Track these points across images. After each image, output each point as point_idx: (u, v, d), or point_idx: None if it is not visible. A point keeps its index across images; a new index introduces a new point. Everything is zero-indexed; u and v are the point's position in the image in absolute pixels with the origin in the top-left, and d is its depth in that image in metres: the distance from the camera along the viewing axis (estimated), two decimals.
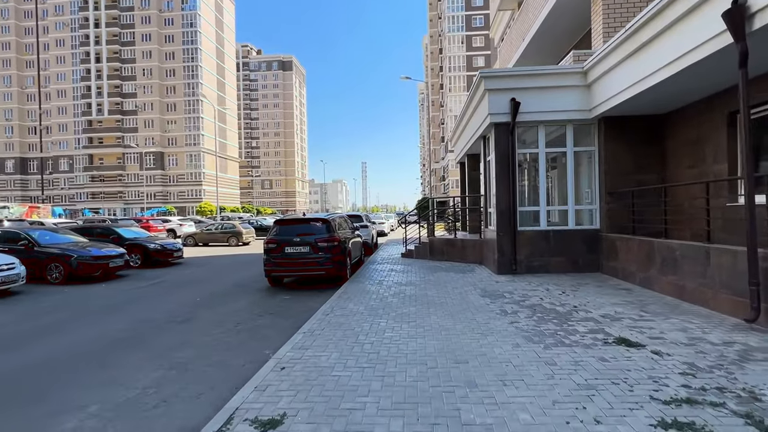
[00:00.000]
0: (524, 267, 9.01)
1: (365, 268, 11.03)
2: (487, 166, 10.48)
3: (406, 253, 13.17)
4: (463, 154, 14.16)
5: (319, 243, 8.67)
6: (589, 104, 8.68)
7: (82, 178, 74.50)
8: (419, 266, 10.94)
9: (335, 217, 9.90)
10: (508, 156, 8.93)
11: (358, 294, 7.48)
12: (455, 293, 7.29)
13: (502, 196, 9.01)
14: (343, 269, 9.13)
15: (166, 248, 13.72)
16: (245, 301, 7.89)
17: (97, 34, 72.48)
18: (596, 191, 9.00)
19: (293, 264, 8.70)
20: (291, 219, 9.44)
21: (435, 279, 8.86)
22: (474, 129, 10.97)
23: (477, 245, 11.03)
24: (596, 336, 4.59)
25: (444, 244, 11.90)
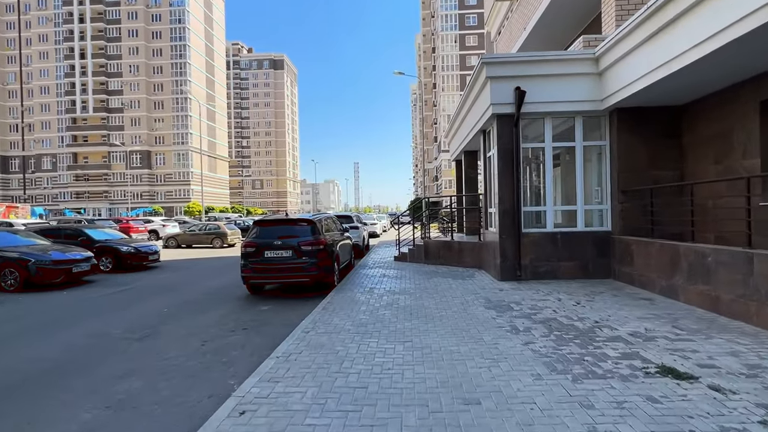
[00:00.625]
0: (529, 273, 8.21)
1: (355, 273, 10.15)
2: (488, 162, 9.67)
3: (399, 257, 12.32)
4: (460, 151, 13.37)
5: (303, 247, 7.78)
6: (601, 94, 7.91)
7: (65, 177, 72.44)
8: (414, 271, 10.09)
9: (322, 218, 9.01)
10: (512, 151, 8.13)
11: (346, 305, 6.61)
12: (455, 304, 6.45)
13: (504, 195, 8.20)
14: (330, 275, 8.25)
15: (140, 251, 12.70)
16: (218, 313, 6.96)
17: (82, 30, 70.55)
18: (607, 190, 8.24)
19: (274, 270, 7.79)
20: (272, 220, 8.53)
21: (432, 286, 8.01)
22: (473, 122, 10.16)
23: (476, 248, 10.22)
24: (632, 363, 3.77)
25: (440, 247, 11.07)
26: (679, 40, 5.79)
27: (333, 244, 8.78)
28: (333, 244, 8.78)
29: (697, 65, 5.68)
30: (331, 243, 8.65)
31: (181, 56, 71.83)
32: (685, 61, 5.76)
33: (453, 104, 64.68)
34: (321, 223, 8.61)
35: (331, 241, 8.68)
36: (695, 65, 5.69)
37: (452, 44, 65.02)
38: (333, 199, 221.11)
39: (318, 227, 8.22)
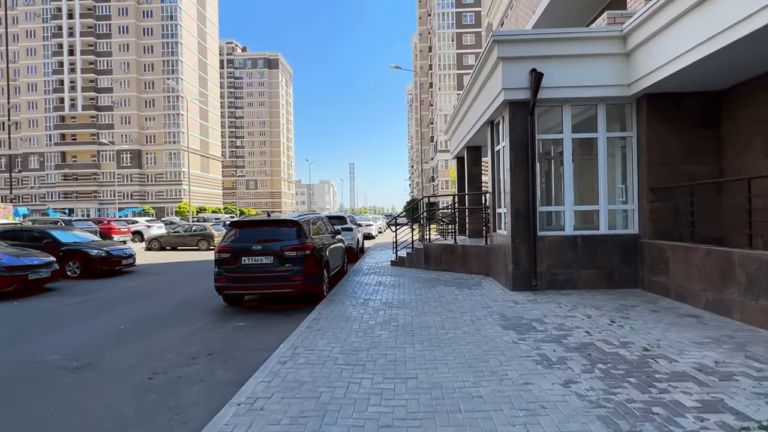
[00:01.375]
0: (546, 282, 7.19)
1: (348, 280, 9.09)
2: (496, 157, 8.66)
3: (396, 261, 11.28)
4: (463, 146, 12.35)
5: (287, 252, 6.70)
6: (628, 77, 6.92)
7: (53, 176, 70.72)
8: (413, 278, 9.05)
9: (309, 218, 7.94)
10: (527, 143, 7.11)
11: (336, 322, 5.55)
12: (465, 321, 5.41)
13: (518, 193, 7.18)
14: (318, 284, 7.19)
15: (112, 255, 11.55)
16: (184, 330, 5.88)
17: (71, 26, 68.93)
18: (634, 188, 7.25)
19: (253, 279, 6.71)
20: (251, 221, 7.44)
21: (435, 297, 6.97)
22: (479, 113, 9.15)
23: (482, 253, 9.20)
24: (723, 419, 2.75)
25: (442, 251, 10.04)
26: (732, 8, 4.81)
27: (322, 248, 7.72)
28: (322, 248, 7.72)
29: (755, 38, 4.70)
30: (320, 247, 7.60)
31: (173, 53, 70.40)
32: (739, 34, 4.79)
33: (450, 103, 63.81)
34: (308, 224, 7.54)
35: (320, 245, 7.62)
36: (753, 38, 4.71)
37: (449, 43, 64.13)
38: (328, 199, 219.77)
39: (304, 229, 7.16)
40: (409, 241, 12.27)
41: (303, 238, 6.98)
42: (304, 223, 7.33)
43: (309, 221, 7.69)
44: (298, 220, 7.16)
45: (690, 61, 5.60)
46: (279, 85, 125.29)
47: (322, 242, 7.93)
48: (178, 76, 70.04)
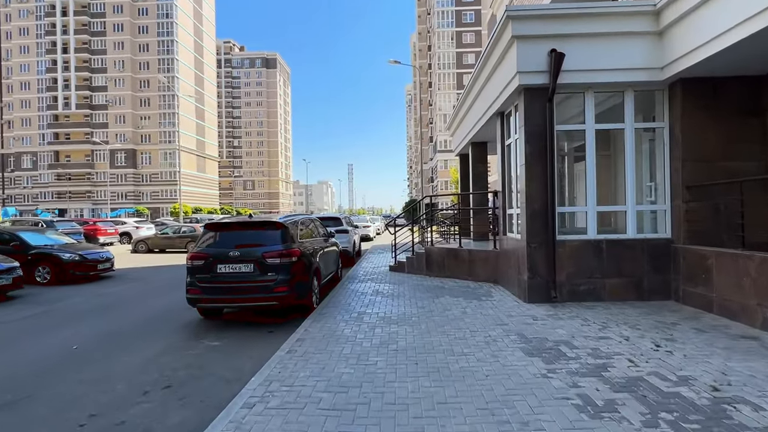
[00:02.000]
0: (566, 293, 6.32)
1: (342, 288, 8.20)
2: (507, 152, 7.79)
3: (395, 266, 10.39)
4: (467, 143, 11.48)
5: (269, 259, 5.80)
6: (661, 59, 6.06)
7: (46, 176, 69.57)
8: (414, 286, 8.17)
9: (298, 220, 7.04)
10: (545, 134, 6.24)
11: (323, 344, 4.66)
12: (478, 342, 4.53)
13: (535, 191, 6.31)
14: (306, 295, 6.29)
15: (86, 259, 10.63)
16: (145, 353, 4.98)
17: (65, 23, 67.87)
18: (666, 185, 6.38)
19: (230, 290, 5.80)
20: (229, 223, 6.51)
21: (440, 310, 6.09)
22: (487, 103, 8.28)
23: (491, 259, 8.31)
24: None
25: (445, 256, 9.15)
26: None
27: (312, 254, 6.84)
28: (312, 254, 6.84)
29: None
30: (310, 253, 6.71)
31: (168, 52, 69.39)
32: None
33: (449, 103, 62.98)
34: (295, 227, 6.65)
35: (309, 250, 6.73)
36: None
37: (449, 41, 63.30)
38: (326, 200, 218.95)
39: (290, 233, 6.26)
40: (408, 244, 11.42)
41: (288, 243, 6.08)
42: (291, 226, 6.43)
43: (296, 223, 6.79)
44: (284, 222, 6.26)
45: (737, 38, 4.74)
46: (277, 84, 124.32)
47: (312, 247, 7.04)
48: (173, 74, 69.04)
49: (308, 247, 6.81)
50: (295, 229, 6.56)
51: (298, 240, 6.49)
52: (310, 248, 6.88)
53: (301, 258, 6.21)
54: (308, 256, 6.59)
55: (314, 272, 6.72)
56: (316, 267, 6.90)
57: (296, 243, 6.32)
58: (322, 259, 7.54)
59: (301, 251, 6.28)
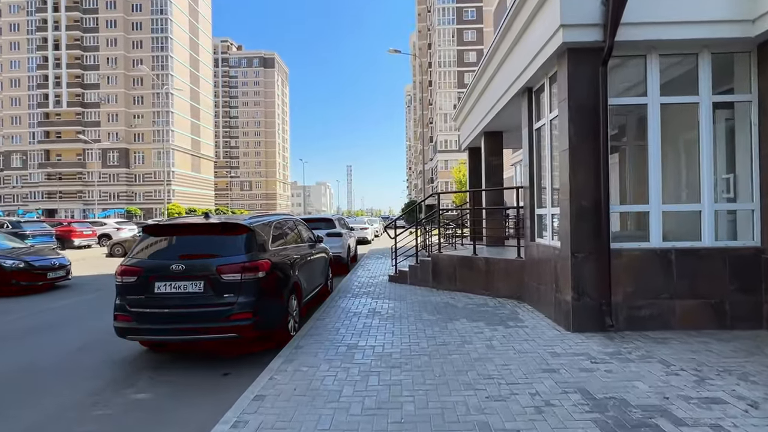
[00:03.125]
0: (623, 319, 4.79)
1: (330, 305, 6.65)
2: (536, 138, 6.28)
3: (396, 276, 8.86)
4: (478, 133, 9.96)
5: (226, 275, 4.25)
6: (753, 10, 4.55)
7: (36, 175, 67.87)
8: (419, 303, 6.62)
9: (271, 222, 5.45)
10: (597, 109, 4.73)
11: (292, 409, 3.11)
12: (525, 409, 2.99)
13: (582, 184, 4.79)
14: (278, 322, 4.74)
15: (33, 266, 9.06)
16: (44, 408, 3.46)
17: (56, 19, 66.29)
18: (754, 178, 4.86)
19: (171, 318, 4.24)
20: (174, 224, 4.89)
21: (456, 343, 4.54)
22: (509, 80, 6.76)
23: (514, 270, 6.76)
24: None
25: (456, 266, 7.61)
26: None
27: (291, 265, 5.30)
28: (291, 265, 5.30)
29: None
30: (288, 264, 5.17)
31: (162, 49, 67.85)
32: None
33: (450, 102, 61.59)
34: (266, 230, 5.09)
35: (287, 260, 5.19)
36: None
37: (449, 39, 61.86)
38: (324, 201, 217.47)
39: (258, 238, 4.71)
40: (410, 248, 9.90)
41: (255, 252, 4.53)
42: (260, 229, 4.87)
43: (268, 225, 5.22)
44: (249, 225, 4.69)
45: None
46: (275, 84, 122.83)
47: (291, 256, 5.49)
48: (168, 72, 67.49)
49: (285, 256, 5.26)
50: (266, 234, 5.00)
51: (271, 247, 4.94)
52: (288, 258, 5.34)
53: (273, 272, 4.66)
54: (284, 269, 5.05)
55: (292, 290, 5.17)
56: (296, 283, 5.34)
57: (268, 252, 4.78)
58: (305, 270, 5.99)
59: (274, 263, 4.73)
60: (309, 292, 6.20)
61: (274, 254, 4.91)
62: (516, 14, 5.88)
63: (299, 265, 5.69)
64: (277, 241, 5.29)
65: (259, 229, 4.83)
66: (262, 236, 4.83)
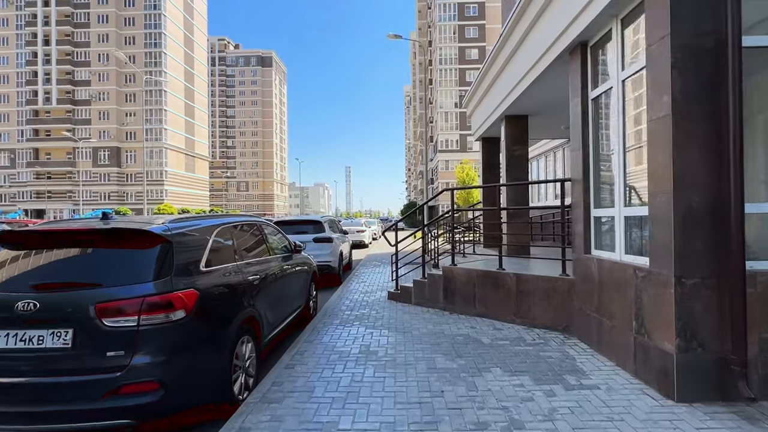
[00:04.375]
0: (758, 382, 3.03)
1: (307, 341, 4.87)
2: (593, 111, 4.54)
3: (397, 293, 7.09)
4: (497, 118, 8.22)
5: (109, 319, 2.49)
6: None
7: (25, 174, 65.96)
8: (430, 338, 4.86)
9: (205, 227, 3.53)
10: (722, 51, 2.98)
11: None
12: None
13: (692, 171, 3.05)
14: (210, 394, 2.99)
15: None
16: None
17: (47, 14, 64.50)
18: None
19: (13, 392, 2.48)
20: (41, 231, 2.99)
21: (496, 420, 2.78)
22: (550, 37, 5.03)
23: (558, 292, 5.00)
24: None
25: (477, 283, 5.85)
26: None
27: (242, 294, 3.55)
28: (242, 294, 3.55)
29: None
30: (233, 293, 3.42)
31: (156, 45, 66.11)
32: None
33: (451, 100, 59.96)
34: (198, 241, 3.29)
35: (231, 288, 3.43)
36: None
37: (451, 36, 60.16)
38: (323, 203, 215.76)
39: (177, 255, 2.93)
40: (413, 256, 8.15)
41: (171, 278, 2.77)
42: (184, 239, 3.09)
43: (204, 233, 3.40)
44: (165, 232, 2.92)
45: None
46: (272, 83, 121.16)
47: (244, 279, 3.71)
48: (161, 69, 65.73)
49: (234, 280, 3.50)
50: (198, 247, 3.22)
51: (206, 268, 3.17)
52: (240, 282, 3.57)
53: (205, 309, 2.91)
54: (229, 301, 3.30)
55: (243, 330, 3.41)
56: (251, 317, 3.58)
57: (197, 276, 3.01)
58: (271, 295, 4.24)
59: (206, 294, 2.97)
60: (276, 326, 4.44)
61: (210, 279, 3.15)
62: None
63: (260, 290, 3.93)
64: (221, 258, 3.51)
65: (182, 239, 3.06)
66: (188, 251, 3.06)
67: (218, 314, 3.12)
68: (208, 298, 2.99)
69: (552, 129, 9.31)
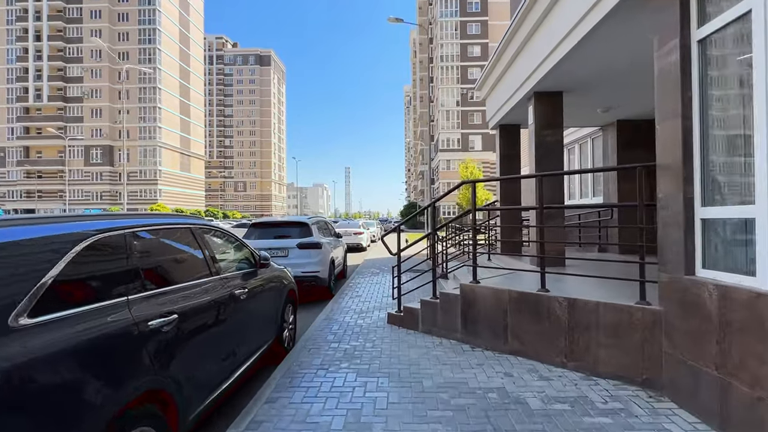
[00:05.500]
0: None
1: (267, 405, 3.33)
2: (700, 60, 3.00)
3: (400, 315, 5.55)
4: (523, 96, 6.68)
5: None
6: None
7: (15, 173, 64.25)
8: (447, 392, 3.32)
9: (47, 238, 1.95)
10: None
11: None
12: None
13: None
14: None
15: None
16: None
17: (38, 9, 62.86)
18: None
19: None
20: None
21: None
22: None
23: (632, 325, 3.47)
24: None
25: (509, 308, 4.31)
26: None
27: (128, 357, 2.01)
28: (128, 357, 2.01)
29: None
30: (106, 360, 1.85)
31: (150, 41, 64.47)
32: None
33: (452, 98, 58.45)
34: (26, 259, 1.74)
35: (92, 348, 1.86)
36: None
37: (452, 32, 58.57)
38: (322, 203, 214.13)
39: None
40: (416, 262, 6.63)
41: None
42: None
43: (34, 247, 1.82)
44: None
45: None
46: (271, 82, 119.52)
47: (145, 324, 2.16)
48: (155, 65, 64.13)
49: (113, 332, 1.95)
50: (26, 277, 1.68)
51: (34, 317, 1.63)
52: (130, 333, 2.04)
53: (17, 404, 1.36)
54: (90, 379, 1.75)
55: (128, 428, 1.85)
56: (148, 397, 2.03)
57: (10, 336, 1.47)
58: (204, 342, 2.72)
59: (24, 374, 1.42)
60: (217, 385, 2.88)
61: (43, 340, 1.61)
62: None
63: (180, 338, 2.40)
64: (85, 293, 1.96)
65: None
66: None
67: (65, 407, 1.58)
68: (29, 381, 1.46)
69: (583, 114, 7.78)
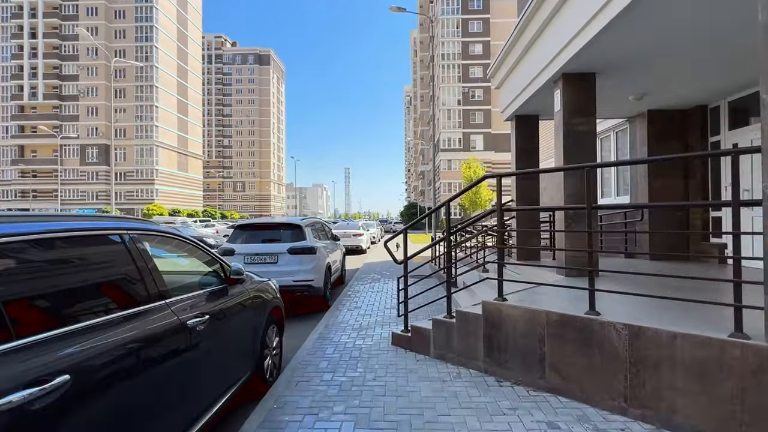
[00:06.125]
0: None
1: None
2: None
3: (407, 336, 4.67)
4: (547, 80, 5.82)
5: None
6: None
7: (9, 173, 63.35)
8: None
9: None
10: None
11: None
12: None
13: None
14: None
15: None
16: None
17: (33, 6, 62.00)
18: None
19: None
20: None
21: None
22: None
23: (723, 366, 2.62)
24: None
25: (546, 333, 3.45)
26: None
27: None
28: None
29: None
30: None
31: (147, 39, 63.61)
32: None
33: (454, 97, 57.61)
34: None
35: None
36: None
37: (454, 30, 57.76)
38: (321, 204, 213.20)
39: None
40: (421, 269, 5.77)
41: None
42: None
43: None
44: None
45: None
46: (270, 82, 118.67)
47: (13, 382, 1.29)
48: (152, 63, 63.26)
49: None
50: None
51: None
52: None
53: None
54: None
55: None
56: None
57: None
58: (144, 387, 1.81)
59: None
60: (214, 402, 2.01)
61: None
62: None
63: (82, 411, 1.52)
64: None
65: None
66: None
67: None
68: None
69: (611, 103, 6.91)
